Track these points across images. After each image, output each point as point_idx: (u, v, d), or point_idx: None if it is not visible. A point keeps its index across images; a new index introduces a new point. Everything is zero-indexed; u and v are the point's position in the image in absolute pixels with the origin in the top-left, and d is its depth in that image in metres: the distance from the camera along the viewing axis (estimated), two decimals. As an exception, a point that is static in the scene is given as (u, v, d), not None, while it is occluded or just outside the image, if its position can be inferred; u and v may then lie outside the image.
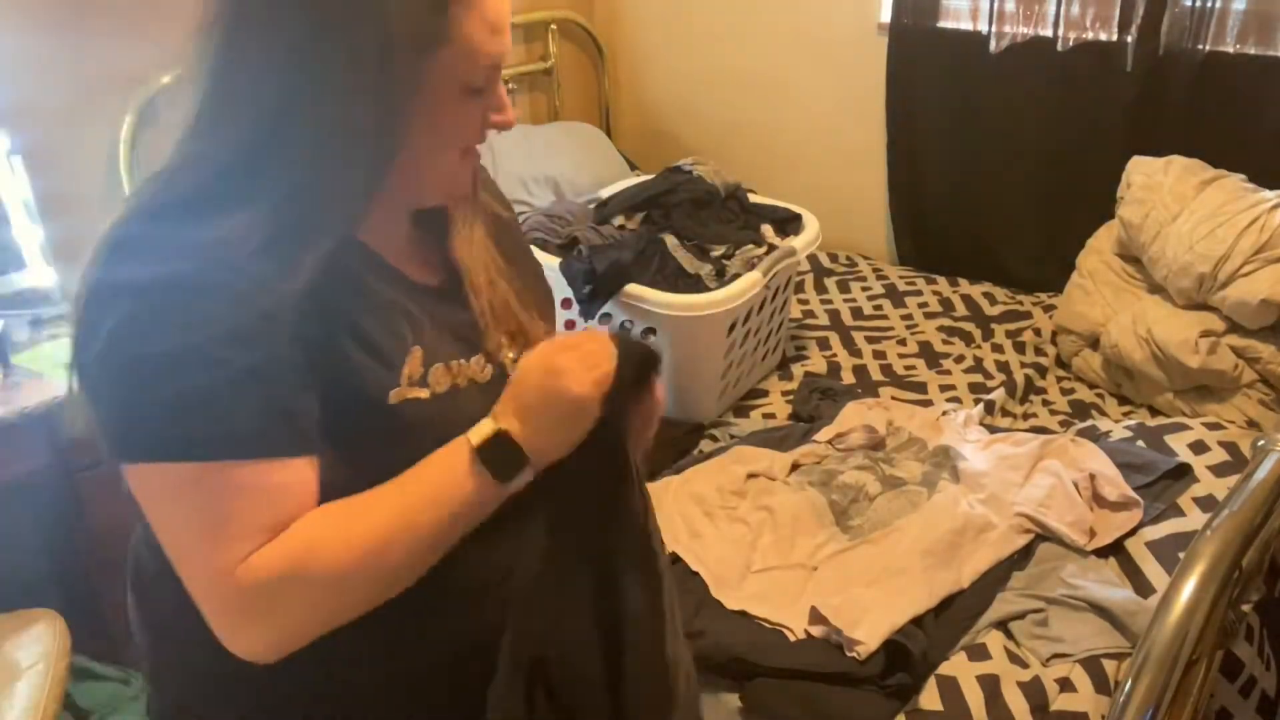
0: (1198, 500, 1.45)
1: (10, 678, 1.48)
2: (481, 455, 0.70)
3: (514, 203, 2.67)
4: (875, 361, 2.06)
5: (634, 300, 1.65)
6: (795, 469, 1.63)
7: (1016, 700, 1.17)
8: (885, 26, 2.42)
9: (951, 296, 2.36)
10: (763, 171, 2.78)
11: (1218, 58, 1.97)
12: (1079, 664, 1.21)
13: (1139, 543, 1.40)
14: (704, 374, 1.75)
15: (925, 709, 1.18)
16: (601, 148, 2.86)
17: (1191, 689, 0.97)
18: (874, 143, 2.57)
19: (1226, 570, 0.96)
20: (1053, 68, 2.18)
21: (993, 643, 1.26)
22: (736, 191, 2.09)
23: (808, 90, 2.69)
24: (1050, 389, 1.98)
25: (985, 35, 2.24)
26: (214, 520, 0.65)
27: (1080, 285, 2.04)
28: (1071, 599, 1.31)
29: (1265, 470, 1.09)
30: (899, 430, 1.73)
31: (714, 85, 2.91)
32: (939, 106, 2.41)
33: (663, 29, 2.98)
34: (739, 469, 1.64)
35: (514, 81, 2.93)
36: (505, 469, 0.71)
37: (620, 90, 3.19)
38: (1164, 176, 1.89)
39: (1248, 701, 1.33)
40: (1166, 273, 1.84)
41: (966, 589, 1.34)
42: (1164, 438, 1.57)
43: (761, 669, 1.22)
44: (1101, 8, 2.09)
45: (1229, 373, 1.76)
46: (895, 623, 1.24)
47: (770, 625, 1.30)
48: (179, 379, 0.63)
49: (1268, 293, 1.69)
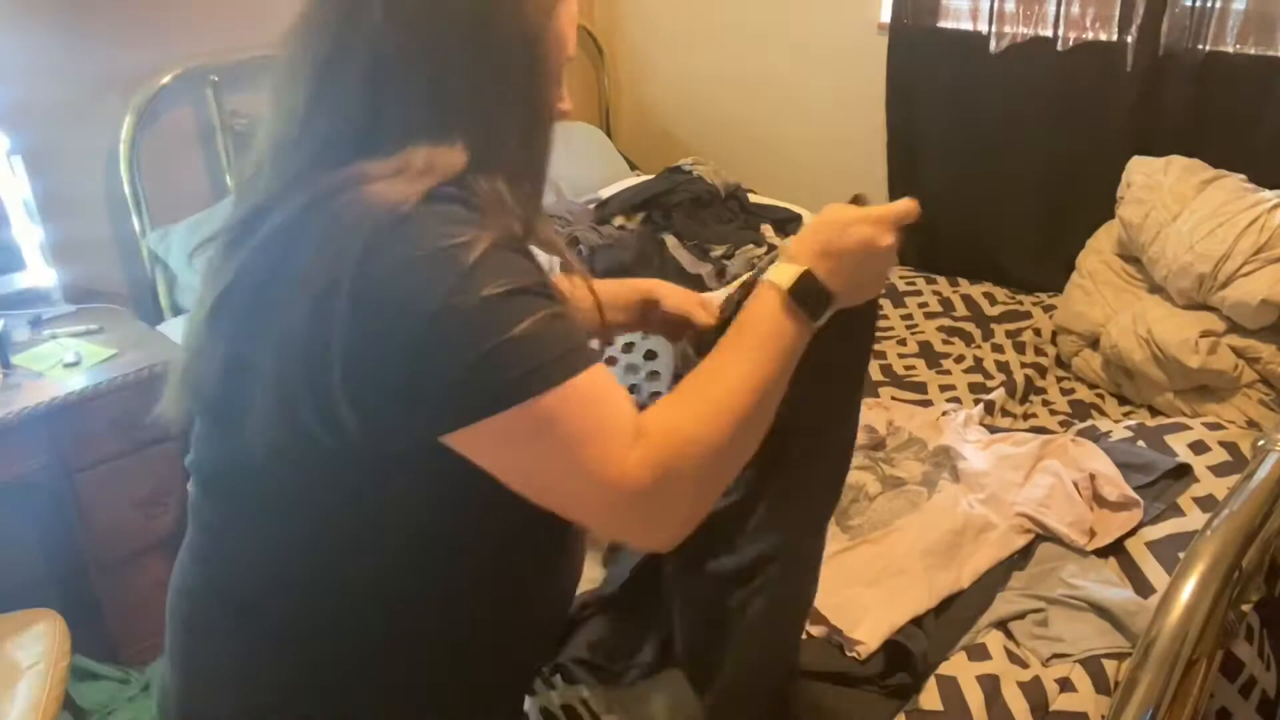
0: (1198, 500, 1.45)
1: (10, 678, 1.48)
2: (794, 295, 0.78)
3: (514, 203, 2.68)
4: (875, 361, 2.06)
5: (634, 300, 1.65)
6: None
7: (1016, 700, 1.17)
8: (885, 26, 2.42)
9: (951, 296, 2.36)
10: (763, 171, 2.78)
11: (1218, 58, 1.97)
12: (1079, 664, 1.21)
13: (1139, 543, 1.40)
14: (704, 374, 1.75)
15: (925, 709, 1.18)
16: (601, 148, 2.86)
17: (1191, 689, 0.97)
18: (874, 143, 2.57)
19: (1226, 570, 0.96)
20: (1053, 68, 2.18)
21: (993, 643, 1.26)
22: (736, 191, 2.09)
23: (808, 90, 2.69)
24: (1050, 389, 1.98)
25: (985, 35, 2.25)
26: (587, 433, 0.69)
27: (1080, 285, 2.04)
28: (1071, 599, 1.31)
29: (1265, 470, 1.09)
30: (899, 430, 1.72)
31: (714, 85, 2.91)
32: (939, 106, 2.41)
33: (663, 29, 2.98)
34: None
35: (514, 81, 2.93)
36: (815, 307, 0.79)
37: (620, 90, 3.19)
38: (1164, 176, 1.89)
39: (1248, 701, 1.33)
40: (1166, 273, 1.84)
41: (966, 589, 1.34)
42: (1164, 438, 1.57)
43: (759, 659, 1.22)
44: (1101, 8, 2.09)
45: (1229, 373, 1.76)
46: (895, 623, 1.24)
47: (770, 625, 1.30)
48: (518, 324, 0.68)
49: (1268, 293, 1.69)
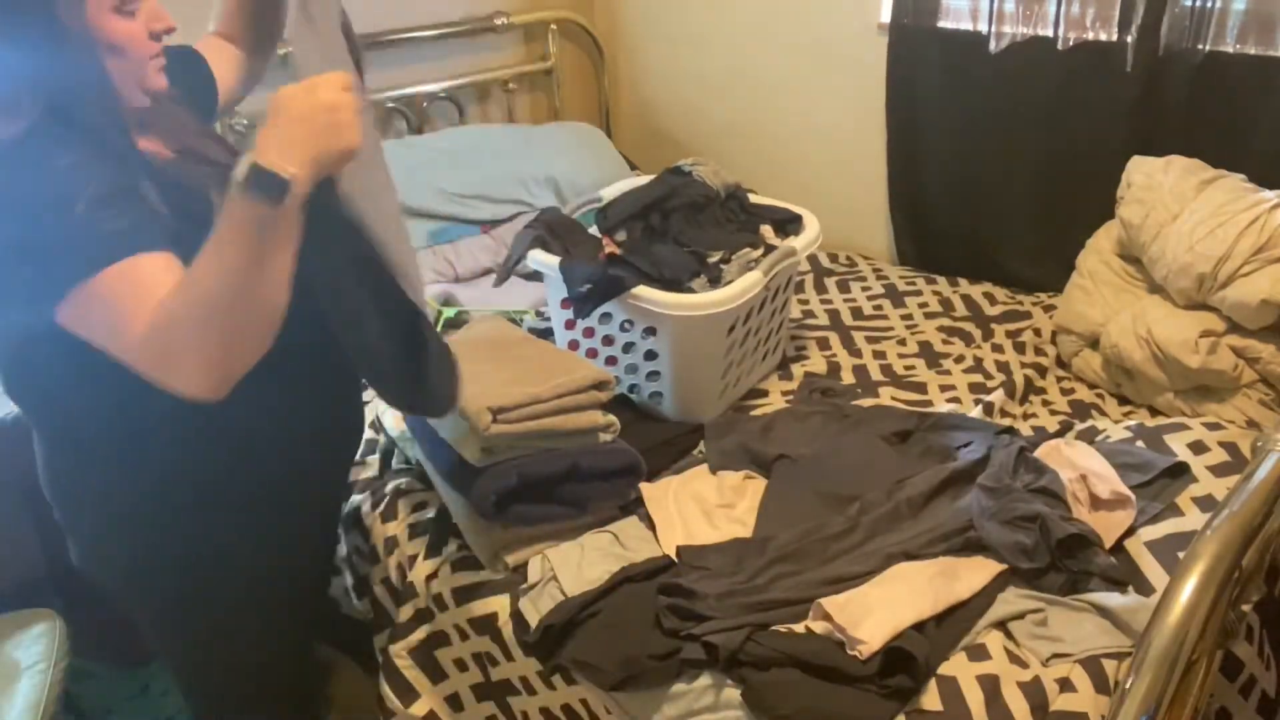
0: (1197, 500, 1.45)
1: (10, 678, 1.48)
2: (246, 186, 0.90)
3: (514, 203, 2.70)
4: (875, 361, 2.06)
5: (635, 300, 1.65)
6: (795, 469, 1.63)
7: (1016, 700, 1.17)
8: (885, 26, 2.42)
9: (951, 296, 2.36)
10: (763, 171, 2.78)
11: (1218, 58, 1.97)
12: (1079, 664, 1.21)
13: (1139, 543, 1.40)
14: (704, 374, 1.75)
15: (925, 709, 1.18)
16: (601, 148, 2.86)
17: (1191, 689, 0.98)
18: (874, 143, 2.57)
19: (1226, 570, 0.96)
20: (1053, 68, 2.18)
21: (993, 643, 1.26)
22: (736, 192, 2.09)
23: (808, 90, 2.69)
24: (1050, 389, 1.98)
25: (985, 35, 2.24)
26: (133, 306, 0.93)
27: (1080, 285, 2.04)
28: (1071, 599, 1.31)
29: (1265, 470, 1.09)
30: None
31: (714, 85, 2.91)
32: (939, 106, 2.41)
33: (663, 29, 2.98)
34: (739, 469, 1.65)
35: (514, 81, 2.94)
36: (270, 189, 0.91)
37: (620, 90, 3.19)
38: (1164, 176, 1.89)
39: (1248, 701, 1.33)
40: (1166, 273, 1.84)
41: (967, 599, 1.33)
42: (1164, 438, 1.57)
43: (759, 654, 1.22)
44: (1101, 8, 2.09)
45: (1229, 373, 1.76)
46: (898, 625, 1.24)
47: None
48: (74, 215, 0.93)
49: (1268, 293, 1.69)
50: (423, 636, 1.53)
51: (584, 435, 1.48)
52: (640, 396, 1.83)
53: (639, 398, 1.83)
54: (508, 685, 1.47)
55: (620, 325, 1.75)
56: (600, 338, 1.80)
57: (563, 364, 1.53)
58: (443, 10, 2.73)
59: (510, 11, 2.86)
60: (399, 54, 2.66)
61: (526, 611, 1.40)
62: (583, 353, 1.85)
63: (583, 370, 1.49)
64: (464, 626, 1.48)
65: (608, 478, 1.50)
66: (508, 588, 1.46)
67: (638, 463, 1.52)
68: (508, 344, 1.62)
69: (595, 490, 1.50)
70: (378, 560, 1.61)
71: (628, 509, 1.56)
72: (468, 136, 2.66)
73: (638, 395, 1.83)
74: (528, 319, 2.17)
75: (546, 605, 1.38)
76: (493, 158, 2.59)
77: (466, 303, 2.21)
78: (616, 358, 1.81)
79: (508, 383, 1.44)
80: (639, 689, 1.28)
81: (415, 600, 1.53)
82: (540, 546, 1.48)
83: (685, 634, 1.28)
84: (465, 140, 2.62)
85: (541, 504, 1.46)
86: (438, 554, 1.54)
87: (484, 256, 2.43)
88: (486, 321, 1.75)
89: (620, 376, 1.82)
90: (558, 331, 1.91)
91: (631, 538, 1.49)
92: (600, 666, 1.28)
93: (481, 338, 1.66)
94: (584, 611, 1.34)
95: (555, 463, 1.45)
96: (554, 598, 1.39)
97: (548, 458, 1.45)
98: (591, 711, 1.39)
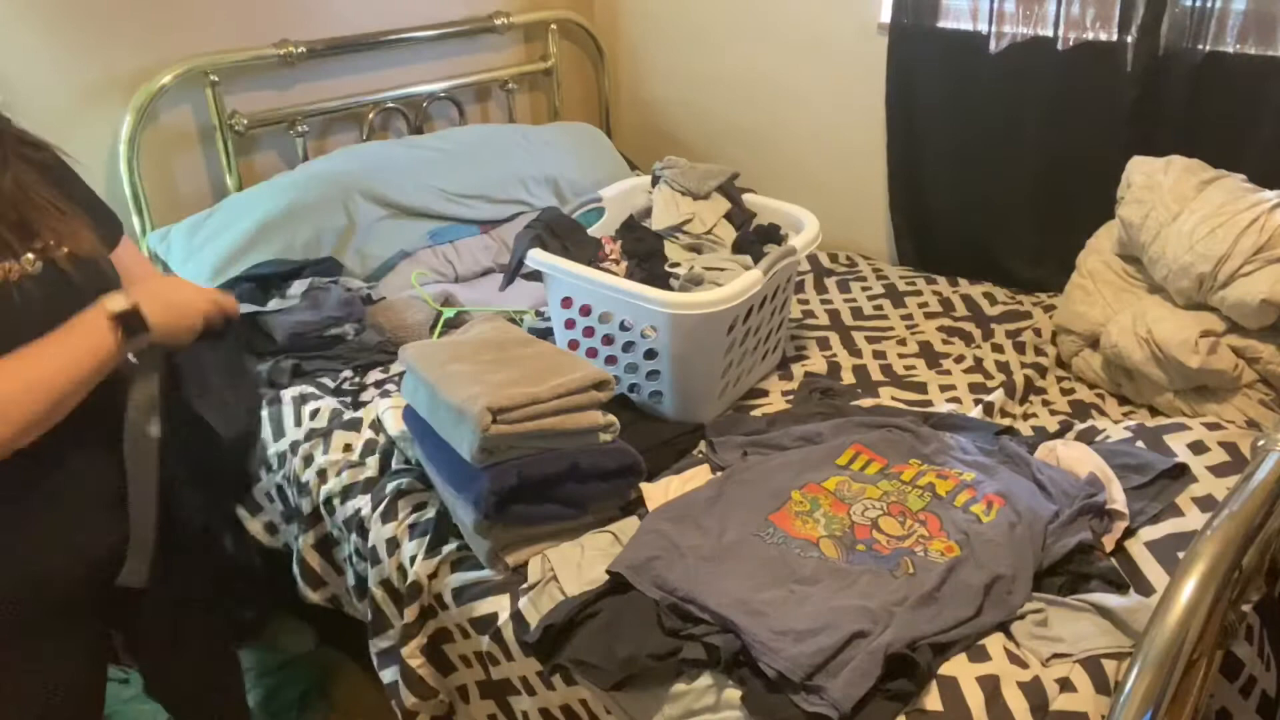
0: (1197, 500, 1.45)
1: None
2: (119, 319, 1.11)
3: (513, 203, 2.70)
4: (875, 361, 2.07)
5: (634, 299, 1.65)
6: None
7: (1016, 700, 1.17)
8: (885, 26, 2.42)
9: (951, 296, 2.36)
10: (763, 171, 2.79)
11: (1218, 58, 1.97)
12: (1079, 664, 1.21)
13: (1139, 543, 1.40)
14: (704, 373, 1.75)
15: (925, 709, 1.18)
16: (601, 148, 2.86)
17: (1191, 689, 0.97)
18: (874, 143, 2.57)
19: (1226, 570, 0.96)
20: (1053, 68, 2.18)
21: (993, 643, 1.26)
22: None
23: (807, 90, 2.69)
24: (1050, 389, 1.98)
25: (985, 35, 2.25)
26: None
27: (1080, 285, 2.04)
28: (1071, 599, 1.31)
29: (1265, 470, 1.09)
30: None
31: (714, 85, 2.91)
32: (939, 106, 2.41)
33: (663, 29, 2.98)
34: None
35: (514, 81, 2.94)
36: (132, 332, 1.11)
37: (620, 90, 3.19)
38: (1164, 176, 1.89)
39: (1248, 701, 1.33)
40: (1166, 273, 1.84)
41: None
42: (1163, 438, 1.57)
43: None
44: (1101, 8, 2.09)
45: (1229, 373, 1.76)
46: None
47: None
48: None
49: (1268, 293, 1.69)
50: (430, 634, 1.54)
51: (584, 435, 1.48)
52: (640, 396, 1.83)
53: (639, 397, 1.83)
54: (508, 685, 1.47)
55: (620, 325, 1.75)
56: (600, 338, 1.80)
57: (562, 364, 1.52)
58: (443, 10, 2.73)
59: (510, 11, 2.86)
60: (399, 54, 2.66)
61: (526, 611, 1.40)
62: (582, 353, 1.85)
63: (582, 370, 1.49)
64: (465, 626, 1.48)
65: (608, 478, 1.50)
66: (508, 588, 1.45)
67: (637, 463, 1.52)
68: (507, 344, 1.62)
69: (595, 490, 1.50)
70: (378, 561, 1.61)
71: (628, 509, 1.56)
72: (468, 136, 2.66)
73: (638, 395, 1.83)
74: (528, 319, 2.17)
75: (546, 605, 1.38)
76: (493, 158, 2.59)
77: (466, 303, 2.21)
78: (616, 357, 1.81)
79: (507, 383, 1.44)
80: (639, 689, 1.28)
81: (419, 600, 1.53)
82: (540, 546, 1.48)
83: (685, 634, 1.28)
84: (465, 140, 2.62)
85: (541, 504, 1.46)
86: (438, 554, 1.54)
87: (484, 256, 2.43)
88: (486, 321, 1.74)
89: (620, 376, 1.82)
90: (558, 331, 1.91)
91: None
92: (600, 666, 1.28)
93: (481, 338, 1.66)
94: (584, 611, 1.34)
95: (555, 463, 1.44)
96: (554, 598, 1.39)
97: (548, 458, 1.45)
98: (591, 712, 1.39)
